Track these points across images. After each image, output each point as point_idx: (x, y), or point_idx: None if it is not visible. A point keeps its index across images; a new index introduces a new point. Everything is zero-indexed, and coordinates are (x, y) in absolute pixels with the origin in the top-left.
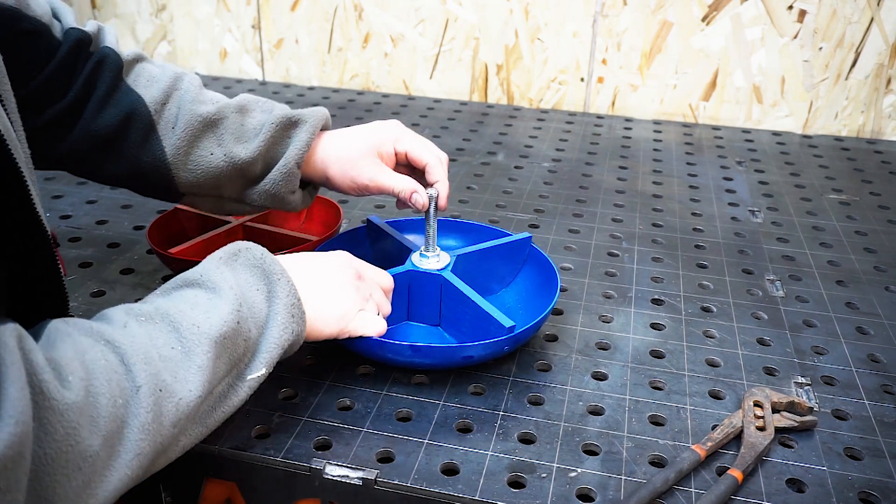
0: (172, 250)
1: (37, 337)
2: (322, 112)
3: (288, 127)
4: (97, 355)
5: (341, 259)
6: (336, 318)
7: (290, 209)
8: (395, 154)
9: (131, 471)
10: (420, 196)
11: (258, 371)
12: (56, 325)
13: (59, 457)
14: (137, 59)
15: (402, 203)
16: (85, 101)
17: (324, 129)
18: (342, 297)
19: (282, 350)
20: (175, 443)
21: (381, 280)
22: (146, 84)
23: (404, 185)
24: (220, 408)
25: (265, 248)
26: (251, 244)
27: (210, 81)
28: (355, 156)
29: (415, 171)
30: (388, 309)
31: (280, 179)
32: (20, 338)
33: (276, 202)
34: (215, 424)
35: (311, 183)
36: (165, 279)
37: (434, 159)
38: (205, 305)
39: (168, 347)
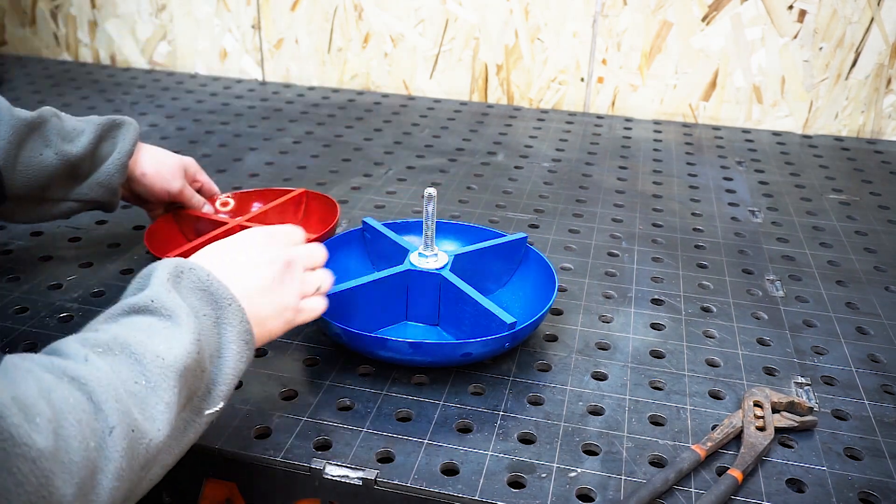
0: (171, 253)
1: None
2: (134, 121)
3: (112, 128)
4: (63, 393)
5: (265, 252)
6: (282, 321)
7: (110, 206)
8: (192, 180)
9: None
10: (207, 207)
11: (216, 405)
12: (13, 361)
13: None
14: None
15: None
16: None
17: None
18: (282, 296)
19: (237, 380)
20: (140, 487)
21: (309, 256)
22: None
23: (200, 200)
24: (177, 447)
25: (209, 269)
26: (194, 263)
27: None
28: (170, 166)
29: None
30: (327, 282)
31: (113, 170)
32: None
33: (105, 194)
34: (172, 464)
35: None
36: None
37: (213, 187)
38: (163, 335)
39: (132, 382)
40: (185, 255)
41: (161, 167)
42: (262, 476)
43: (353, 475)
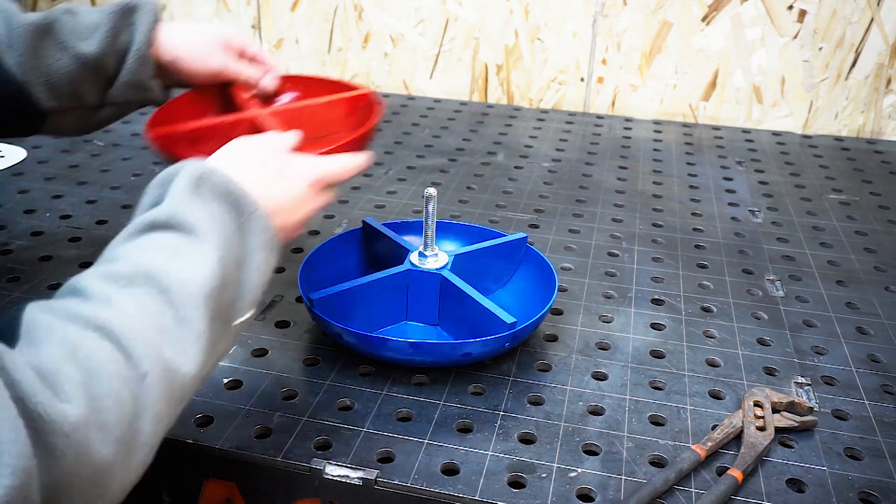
0: (175, 130)
1: (13, 336)
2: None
3: (126, 14)
4: (91, 348)
5: (292, 167)
6: (291, 235)
7: (153, 100)
8: (241, 54)
9: (145, 465)
10: (270, 79)
11: (244, 314)
12: (33, 317)
13: (72, 480)
14: None
15: (244, 91)
16: None
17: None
18: (301, 211)
19: (263, 288)
20: (177, 415)
21: (334, 174)
22: None
23: (252, 73)
24: (210, 360)
25: (227, 171)
26: (215, 167)
27: None
28: (206, 41)
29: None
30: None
31: (136, 66)
32: None
33: (140, 92)
34: (206, 377)
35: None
36: None
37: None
38: (186, 254)
39: (160, 317)
40: (189, 134)
41: (193, 45)
42: (262, 476)
43: (353, 475)
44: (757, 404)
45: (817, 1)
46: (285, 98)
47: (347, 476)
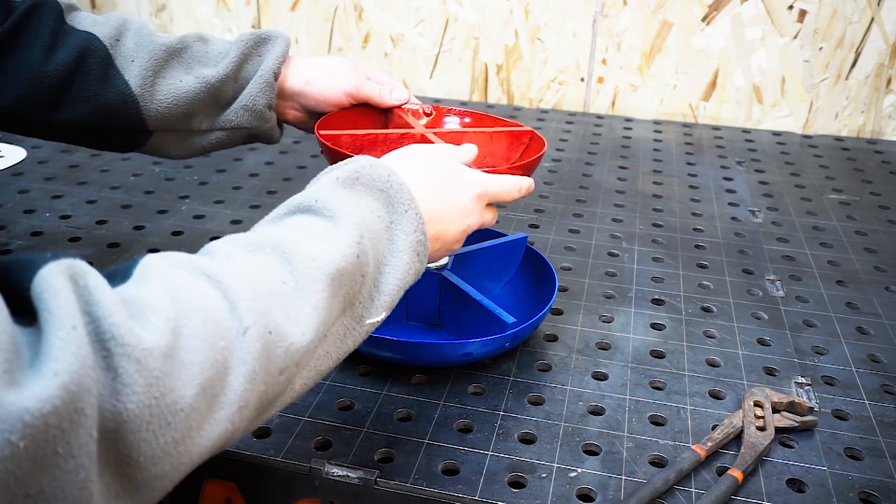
0: (344, 135)
1: (126, 275)
2: (286, 34)
3: (258, 44)
4: (193, 291)
5: (463, 176)
6: (450, 247)
7: (264, 133)
8: (368, 78)
9: (233, 424)
10: (399, 91)
11: (378, 315)
12: (149, 261)
13: (143, 411)
14: (73, 7)
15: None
16: (16, 44)
17: None
18: (463, 224)
19: (402, 292)
20: (283, 392)
21: (502, 192)
22: (92, 25)
23: (385, 91)
24: (335, 353)
25: (393, 167)
26: (376, 162)
27: None
28: (337, 65)
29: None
30: (493, 221)
31: (258, 91)
32: (75, 276)
33: (252, 118)
34: (328, 370)
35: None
36: None
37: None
38: (322, 235)
39: (279, 282)
40: (361, 140)
41: (325, 69)
42: (261, 476)
43: (353, 475)
44: (757, 404)
45: (817, 1)
46: (450, 124)
47: (347, 476)
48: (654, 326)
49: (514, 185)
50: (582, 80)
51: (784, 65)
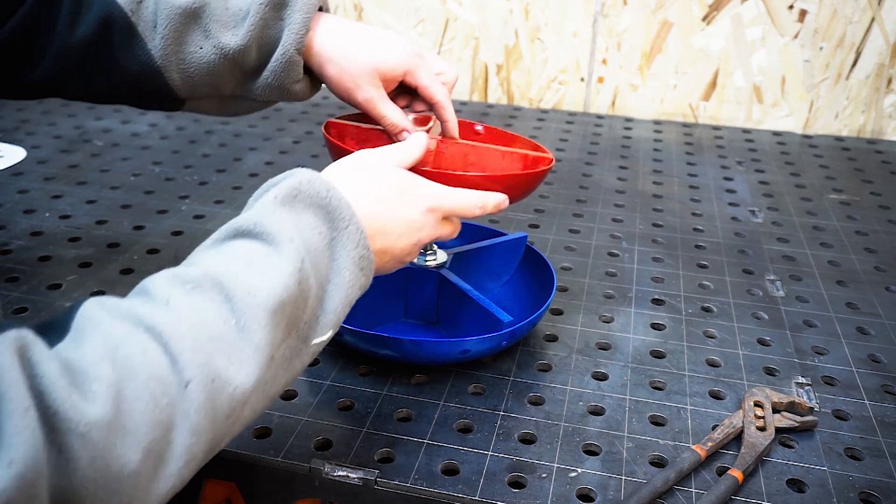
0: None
1: (65, 328)
2: None
3: (278, 6)
4: (134, 348)
5: (413, 187)
6: (401, 259)
7: (295, 99)
8: (401, 84)
9: (180, 479)
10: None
11: (324, 334)
12: (89, 312)
13: (89, 484)
14: None
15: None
16: (48, 10)
17: (320, 9)
18: (412, 237)
19: (349, 308)
20: (229, 432)
21: (458, 206)
22: None
23: (396, 121)
24: (283, 376)
25: (332, 182)
26: (315, 176)
27: None
28: (357, 69)
29: (414, 95)
30: (454, 234)
31: (281, 70)
32: (22, 349)
33: (283, 94)
34: (278, 394)
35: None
36: None
37: (444, 98)
38: (261, 263)
39: (220, 322)
40: (361, 133)
41: (344, 69)
42: (261, 476)
43: (353, 475)
44: (757, 404)
45: (818, 1)
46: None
47: (347, 476)
48: (655, 326)
49: (476, 201)
50: (582, 80)
51: (784, 65)
